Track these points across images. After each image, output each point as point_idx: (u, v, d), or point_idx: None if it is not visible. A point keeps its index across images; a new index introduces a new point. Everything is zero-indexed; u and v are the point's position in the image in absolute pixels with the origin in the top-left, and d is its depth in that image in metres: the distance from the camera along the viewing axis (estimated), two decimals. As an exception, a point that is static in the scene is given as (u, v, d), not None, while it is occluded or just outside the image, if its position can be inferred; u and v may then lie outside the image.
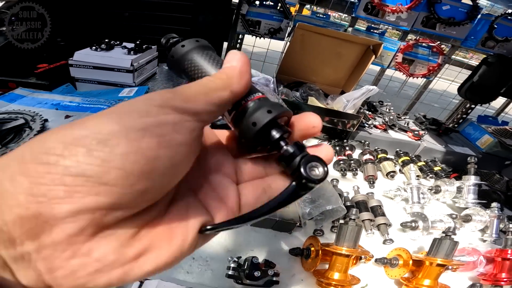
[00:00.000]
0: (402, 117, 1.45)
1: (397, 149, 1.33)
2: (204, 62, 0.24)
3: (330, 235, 0.86)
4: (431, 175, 1.24)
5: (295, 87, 1.47)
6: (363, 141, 1.31)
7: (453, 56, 1.65)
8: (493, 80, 1.52)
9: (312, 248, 0.71)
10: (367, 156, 1.21)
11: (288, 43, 1.33)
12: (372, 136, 1.34)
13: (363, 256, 0.77)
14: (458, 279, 0.84)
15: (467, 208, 1.04)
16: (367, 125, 1.36)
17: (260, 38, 1.37)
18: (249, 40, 1.52)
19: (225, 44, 1.57)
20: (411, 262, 0.74)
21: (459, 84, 1.62)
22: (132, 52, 1.18)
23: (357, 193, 1.02)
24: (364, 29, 1.56)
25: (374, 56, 1.32)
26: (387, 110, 1.52)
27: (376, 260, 0.78)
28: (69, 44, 1.36)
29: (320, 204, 0.76)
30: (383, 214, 0.94)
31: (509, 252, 0.80)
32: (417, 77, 1.59)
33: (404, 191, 1.06)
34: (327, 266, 0.71)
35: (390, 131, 1.39)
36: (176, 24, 1.40)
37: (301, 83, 1.48)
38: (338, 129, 1.30)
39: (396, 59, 1.53)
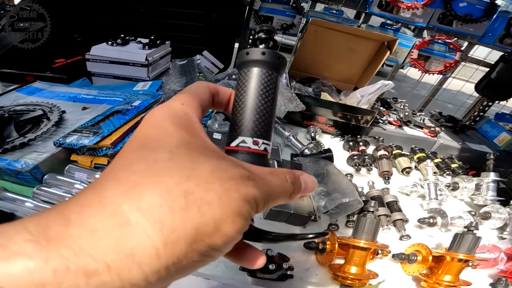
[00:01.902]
0: (418, 114, 1.41)
1: (413, 146, 1.30)
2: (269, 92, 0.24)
3: (345, 230, 0.84)
4: (448, 172, 1.20)
5: (307, 83, 1.45)
6: (377, 137, 1.28)
7: (470, 53, 1.61)
8: (511, 77, 1.47)
9: (328, 242, 0.69)
10: (382, 152, 1.18)
11: (301, 39, 1.31)
12: (387, 132, 1.31)
13: (380, 251, 0.75)
14: (478, 276, 0.80)
15: (485, 205, 1.00)
16: (381, 121, 1.33)
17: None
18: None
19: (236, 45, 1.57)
20: (430, 258, 0.71)
21: (475, 83, 1.57)
22: (146, 47, 1.18)
23: (372, 188, 1.00)
24: (378, 25, 1.53)
25: (389, 52, 1.29)
26: (402, 107, 1.49)
27: (393, 256, 0.75)
28: (85, 40, 1.37)
29: (335, 197, 0.74)
30: (400, 210, 0.92)
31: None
32: (433, 74, 1.55)
33: (421, 187, 1.03)
34: (342, 261, 0.69)
35: (405, 128, 1.36)
36: (189, 20, 1.41)
37: (313, 79, 1.46)
38: (351, 125, 1.27)
39: (412, 55, 1.50)
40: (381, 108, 1.41)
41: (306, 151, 1.06)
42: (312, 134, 1.21)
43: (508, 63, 1.40)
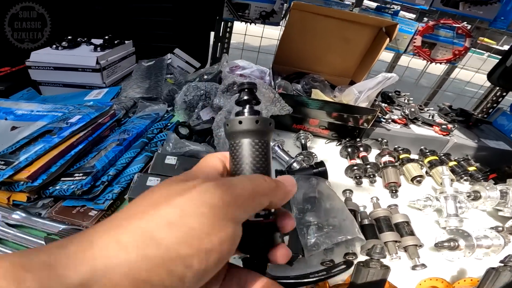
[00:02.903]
0: (426, 109, 1.22)
1: (422, 147, 1.11)
2: (259, 155, 0.25)
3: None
4: (465, 178, 1.01)
5: (296, 79, 1.26)
6: (379, 139, 1.10)
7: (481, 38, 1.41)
8: None
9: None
10: (387, 158, 1.00)
11: (284, 27, 1.12)
12: (391, 132, 1.12)
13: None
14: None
15: (515, 218, 0.82)
16: (383, 120, 1.14)
17: (250, 24, 1.17)
18: (241, 28, 1.31)
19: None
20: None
21: (487, 72, 1.38)
22: (99, 48, 1.00)
23: (377, 207, 0.81)
24: (373, 9, 1.33)
25: (388, 39, 1.10)
26: (406, 101, 1.30)
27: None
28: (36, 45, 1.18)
29: (329, 233, 0.55)
30: (412, 233, 0.73)
31: None
32: (441, 63, 1.36)
33: (436, 200, 0.84)
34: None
35: (412, 126, 1.17)
36: (155, 15, 1.22)
37: (302, 74, 1.27)
38: (349, 126, 1.08)
39: (414, 42, 1.30)
40: (383, 104, 1.22)
41: (295, 164, 0.88)
42: (303, 141, 1.03)
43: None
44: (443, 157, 1.09)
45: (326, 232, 0.56)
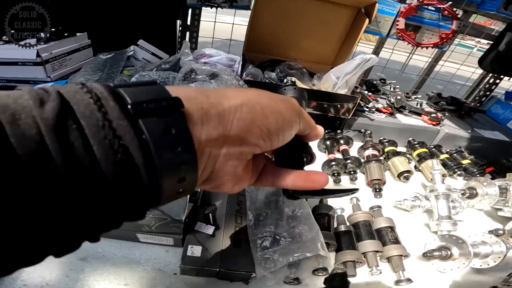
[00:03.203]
0: (413, 97, 1.11)
1: (410, 139, 1.00)
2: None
3: (313, 279, 0.53)
4: (459, 172, 0.90)
5: (270, 67, 1.14)
6: (363, 130, 0.98)
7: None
8: None
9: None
10: (370, 151, 0.88)
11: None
12: (375, 123, 1.00)
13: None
14: None
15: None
16: (367, 109, 1.02)
17: (216, 8, 1.04)
18: (210, 15, 1.19)
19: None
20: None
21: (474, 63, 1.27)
22: (42, 42, 0.88)
23: (357, 210, 0.69)
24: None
25: (368, 20, 0.98)
26: (392, 90, 1.18)
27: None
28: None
29: (285, 248, 0.43)
30: (396, 241, 0.61)
31: None
32: (427, 47, 1.23)
33: (426, 199, 0.72)
34: None
35: (398, 116, 1.05)
36: (114, 5, 1.09)
37: (278, 62, 1.15)
38: (329, 117, 0.96)
39: (397, 25, 1.18)
40: (366, 92, 1.09)
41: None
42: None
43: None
44: (433, 149, 0.97)
45: (282, 247, 0.44)
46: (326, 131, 0.97)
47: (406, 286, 0.56)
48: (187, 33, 1.20)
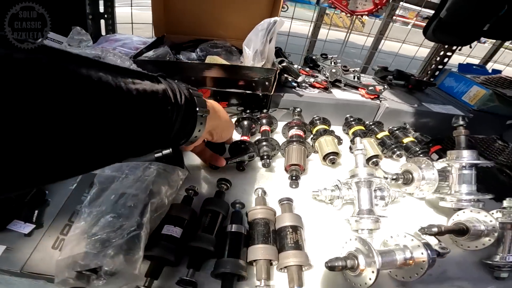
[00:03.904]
0: (351, 70, 0.94)
1: (347, 116, 0.83)
2: None
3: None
4: (398, 152, 0.74)
5: (192, 47, 0.95)
6: (291, 108, 0.81)
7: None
8: (469, 13, 1.00)
9: None
10: (294, 131, 0.71)
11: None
12: (305, 99, 0.83)
13: None
14: None
15: (460, 209, 0.54)
16: (295, 84, 0.85)
17: None
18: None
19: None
20: None
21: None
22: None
23: (260, 204, 0.52)
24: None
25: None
26: (333, 65, 1.01)
27: None
28: None
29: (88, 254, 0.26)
30: (296, 245, 0.45)
31: None
32: (362, 15, 1.06)
33: (348, 188, 0.56)
34: None
35: (334, 91, 0.89)
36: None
37: (202, 41, 0.96)
38: (259, 95, 0.79)
39: None
40: (296, 66, 0.92)
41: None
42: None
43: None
44: (372, 126, 0.81)
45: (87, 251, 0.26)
46: (248, 110, 0.79)
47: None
48: (103, 22, 1.02)
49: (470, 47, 1.17)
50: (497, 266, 0.48)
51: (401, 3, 1.18)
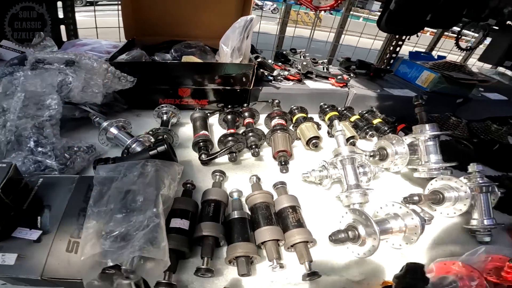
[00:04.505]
0: (320, 62, 0.99)
1: (322, 103, 0.88)
2: None
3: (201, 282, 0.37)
4: (370, 132, 0.81)
5: (166, 48, 0.94)
6: (270, 100, 0.84)
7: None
8: (415, 5, 1.11)
9: None
10: (276, 121, 0.74)
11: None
12: (282, 91, 0.87)
13: None
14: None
15: (432, 178, 0.61)
16: (271, 78, 0.88)
17: None
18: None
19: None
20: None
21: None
22: None
23: (256, 189, 0.54)
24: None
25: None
26: (302, 58, 1.06)
27: None
28: None
29: (112, 248, 0.26)
30: (299, 223, 0.47)
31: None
32: (325, 10, 1.13)
33: (334, 168, 0.60)
34: None
35: (307, 82, 0.93)
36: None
37: (176, 42, 0.96)
38: (238, 91, 0.81)
39: None
40: (269, 61, 0.95)
41: (135, 146, 0.57)
42: (165, 117, 0.72)
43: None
44: (344, 111, 0.87)
45: (110, 247, 0.26)
46: (229, 106, 0.80)
47: (315, 280, 0.42)
48: (63, 27, 0.97)
49: (417, 36, 1.28)
50: (477, 230, 0.54)
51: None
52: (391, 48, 1.35)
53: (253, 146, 0.66)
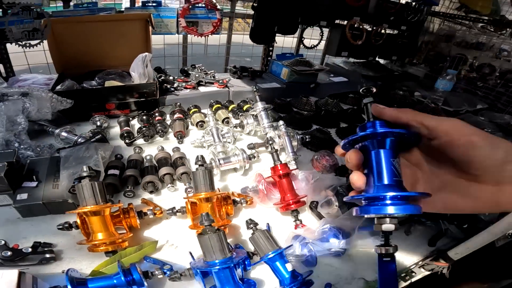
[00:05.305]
0: (209, 72, 1.41)
1: (211, 101, 1.30)
2: None
3: None
4: (241, 114, 1.24)
5: (90, 77, 1.26)
6: (173, 104, 1.23)
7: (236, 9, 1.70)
8: (265, 22, 1.59)
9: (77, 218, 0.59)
10: (177, 115, 1.13)
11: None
12: (182, 96, 1.26)
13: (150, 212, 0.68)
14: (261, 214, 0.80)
15: (266, 133, 1.05)
16: (173, 89, 1.27)
17: (15, 44, 1.04)
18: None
19: None
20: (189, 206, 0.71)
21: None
22: None
23: (160, 151, 0.93)
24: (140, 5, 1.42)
25: (151, 27, 1.23)
26: (199, 71, 1.47)
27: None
28: None
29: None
30: (183, 164, 0.87)
31: (279, 167, 0.79)
32: (207, 36, 1.56)
33: (208, 135, 1.01)
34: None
35: (200, 88, 1.34)
36: None
37: (98, 71, 1.28)
38: (149, 100, 1.17)
39: (181, 24, 1.46)
40: (171, 77, 1.35)
41: (80, 140, 0.91)
42: (98, 123, 1.06)
43: (257, 10, 1.51)
44: (226, 103, 1.30)
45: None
46: (145, 111, 1.17)
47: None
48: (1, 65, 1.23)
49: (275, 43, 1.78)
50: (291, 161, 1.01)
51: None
52: (266, 53, 1.83)
53: (160, 131, 1.04)
